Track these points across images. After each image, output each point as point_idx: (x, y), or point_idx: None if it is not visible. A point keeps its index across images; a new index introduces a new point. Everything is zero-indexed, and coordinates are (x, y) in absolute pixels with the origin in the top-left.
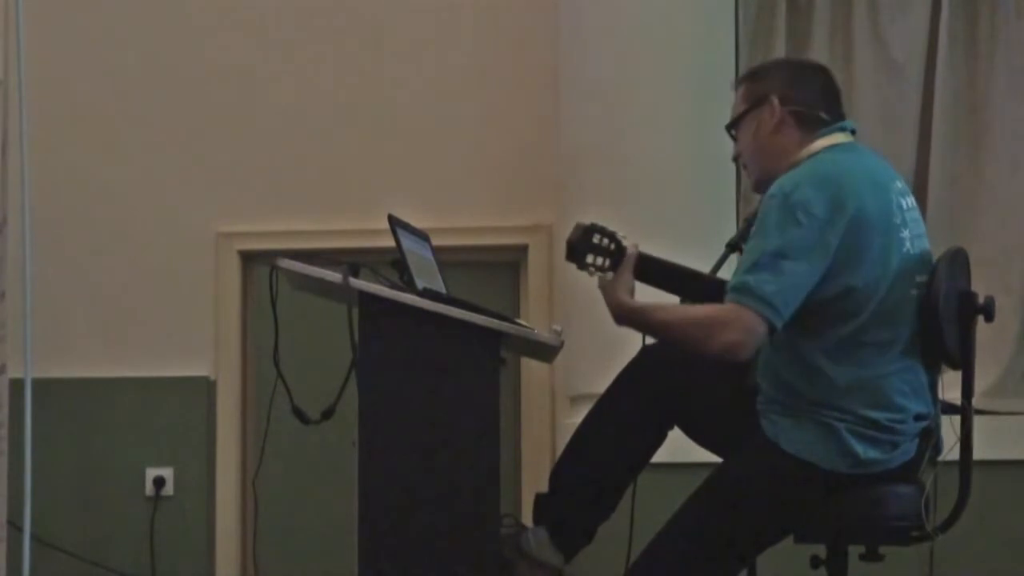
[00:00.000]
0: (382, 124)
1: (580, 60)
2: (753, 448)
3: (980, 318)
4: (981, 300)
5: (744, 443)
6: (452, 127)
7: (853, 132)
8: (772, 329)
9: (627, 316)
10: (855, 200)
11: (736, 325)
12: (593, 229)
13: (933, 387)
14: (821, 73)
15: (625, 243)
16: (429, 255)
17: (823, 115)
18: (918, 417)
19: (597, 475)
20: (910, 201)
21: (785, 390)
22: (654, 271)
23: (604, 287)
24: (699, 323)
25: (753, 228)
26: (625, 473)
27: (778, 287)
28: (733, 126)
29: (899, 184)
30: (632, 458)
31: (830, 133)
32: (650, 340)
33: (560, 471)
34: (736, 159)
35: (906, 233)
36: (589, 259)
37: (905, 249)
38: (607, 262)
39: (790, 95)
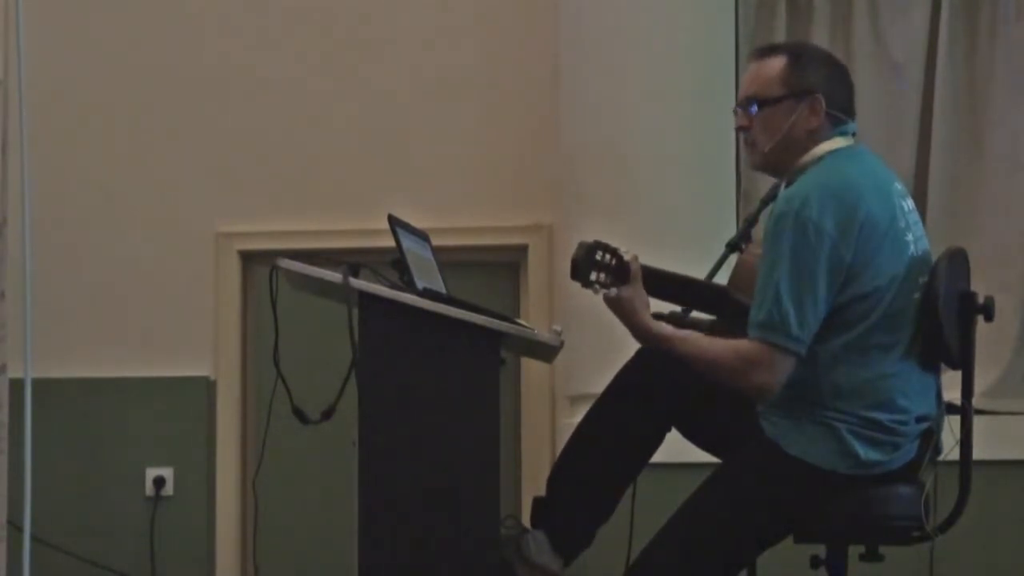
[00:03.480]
0: (382, 124)
1: (580, 60)
2: (753, 449)
3: (980, 318)
4: (981, 300)
5: (744, 444)
6: (452, 127)
7: (853, 134)
8: (799, 359)
9: (651, 342)
10: (863, 210)
11: (766, 366)
12: (596, 246)
13: (935, 388)
14: (847, 73)
15: (626, 257)
16: (429, 255)
17: (849, 120)
18: (920, 418)
19: (595, 479)
20: (909, 203)
21: (787, 391)
22: (652, 282)
23: (615, 304)
24: (728, 363)
25: (764, 247)
26: (623, 476)
27: (801, 318)
28: (762, 104)
29: (898, 186)
30: (630, 461)
31: (831, 137)
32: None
33: (558, 475)
34: (742, 130)
35: (910, 236)
36: (593, 276)
37: (910, 252)
38: (610, 278)
39: (833, 97)
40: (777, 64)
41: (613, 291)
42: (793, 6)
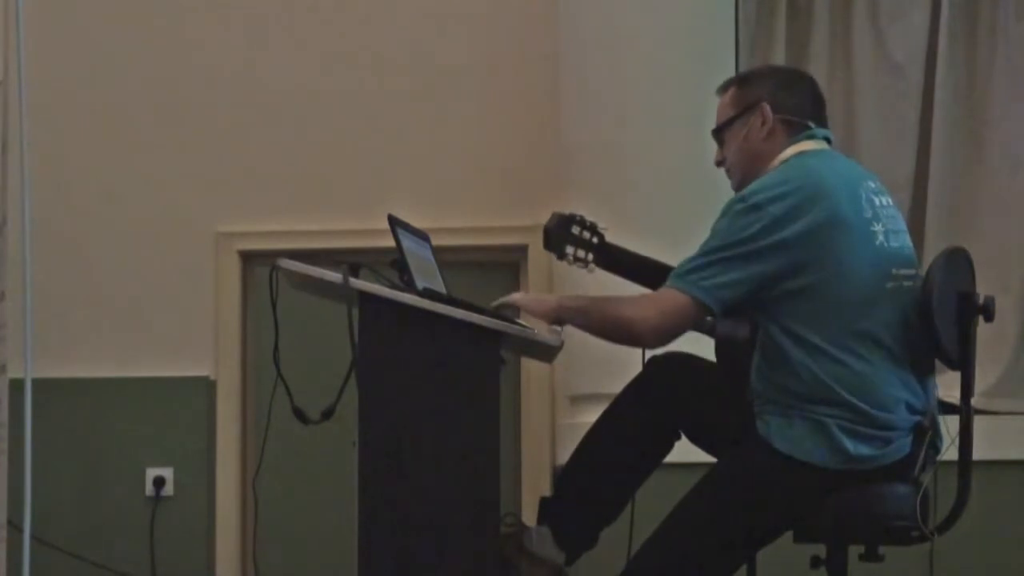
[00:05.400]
0: (382, 124)
1: (580, 60)
2: (746, 447)
3: (980, 318)
4: (981, 300)
5: (740, 443)
6: (452, 127)
7: (828, 141)
8: (708, 313)
9: (563, 297)
10: (822, 196)
11: (665, 303)
12: (572, 220)
13: (924, 381)
14: (808, 81)
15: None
16: (429, 255)
17: (810, 124)
18: (910, 410)
19: (603, 483)
20: (885, 200)
21: (776, 390)
22: (623, 262)
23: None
24: (632, 301)
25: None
26: (631, 481)
27: (716, 274)
28: (721, 130)
29: (872, 184)
30: (638, 468)
31: (799, 141)
32: (650, 353)
33: (566, 476)
34: (719, 164)
35: (878, 227)
36: (569, 250)
37: (878, 242)
38: (589, 254)
39: (780, 103)
40: (729, 93)
41: (592, 267)
42: (793, 6)
